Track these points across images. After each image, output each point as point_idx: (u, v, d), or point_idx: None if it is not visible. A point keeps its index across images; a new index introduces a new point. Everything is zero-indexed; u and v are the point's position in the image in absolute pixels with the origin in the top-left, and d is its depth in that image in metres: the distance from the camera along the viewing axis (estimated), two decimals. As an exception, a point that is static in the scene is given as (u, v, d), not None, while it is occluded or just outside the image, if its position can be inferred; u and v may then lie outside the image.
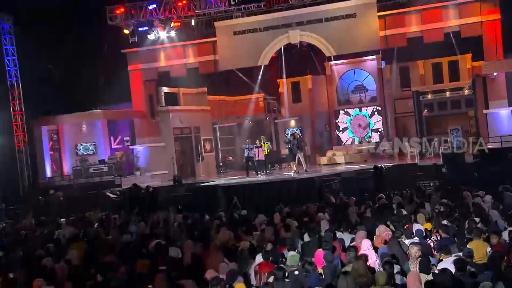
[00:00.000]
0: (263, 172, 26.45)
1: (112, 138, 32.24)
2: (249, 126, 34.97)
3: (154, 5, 29.96)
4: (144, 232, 16.25)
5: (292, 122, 35.07)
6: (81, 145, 31.47)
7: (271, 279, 9.73)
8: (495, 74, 27.20)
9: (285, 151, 31.67)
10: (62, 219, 20.42)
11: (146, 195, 22.05)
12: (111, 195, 25.77)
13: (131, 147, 31.86)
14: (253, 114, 35.19)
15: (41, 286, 10.38)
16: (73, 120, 31.01)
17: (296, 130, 33.41)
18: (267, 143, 26.82)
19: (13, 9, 28.56)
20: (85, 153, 31.34)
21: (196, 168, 32.50)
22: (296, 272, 9.67)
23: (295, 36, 29.39)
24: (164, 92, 32.23)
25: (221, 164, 34.59)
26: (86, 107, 30.76)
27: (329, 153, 32.07)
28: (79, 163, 30.26)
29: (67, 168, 31.24)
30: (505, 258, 9.33)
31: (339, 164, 30.37)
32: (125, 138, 32.51)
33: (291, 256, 10.62)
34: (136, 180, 27.47)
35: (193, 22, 30.59)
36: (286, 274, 9.63)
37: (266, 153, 26.51)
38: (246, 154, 27.29)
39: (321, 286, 9.29)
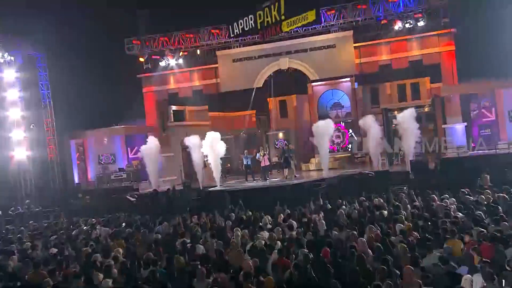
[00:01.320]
0: (261, 178, 26.43)
1: (129, 149, 32.41)
2: (243, 138, 35.31)
3: (165, 38, 30.56)
4: (168, 231, 15.97)
5: (280, 135, 35.27)
6: (103, 155, 31.69)
7: (287, 274, 9.79)
8: (451, 95, 28.05)
9: (274, 159, 32.13)
10: (93, 219, 20.34)
11: (173, 195, 22.19)
12: (131, 198, 25.77)
13: (145, 156, 32.10)
14: (247, 128, 35.67)
15: (100, 280, 10.44)
16: (96, 134, 31.35)
17: (284, 141, 33.82)
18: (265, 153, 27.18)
19: (46, 41, 28.84)
20: (106, 162, 31.59)
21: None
22: (309, 267, 9.71)
23: (285, 63, 30.04)
24: (172, 110, 32.45)
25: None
26: (108, 123, 31.21)
27: (312, 161, 32.46)
28: (102, 171, 30.57)
29: (91, 175, 31.43)
30: (478, 254, 9.53)
31: (321, 170, 30.64)
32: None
33: (304, 254, 10.63)
34: (150, 186, 27.41)
35: (198, 51, 31.21)
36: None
37: (265, 160, 26.81)
38: (245, 163, 27.28)
39: (332, 280, 9.28)
